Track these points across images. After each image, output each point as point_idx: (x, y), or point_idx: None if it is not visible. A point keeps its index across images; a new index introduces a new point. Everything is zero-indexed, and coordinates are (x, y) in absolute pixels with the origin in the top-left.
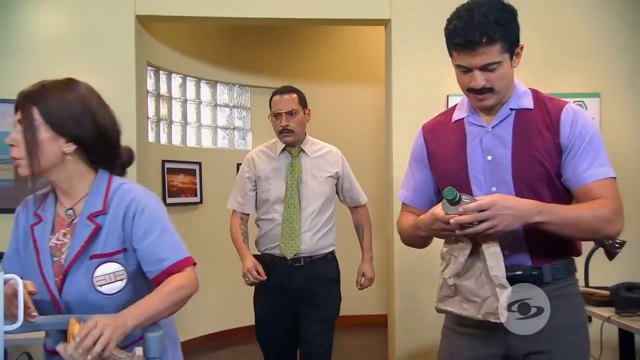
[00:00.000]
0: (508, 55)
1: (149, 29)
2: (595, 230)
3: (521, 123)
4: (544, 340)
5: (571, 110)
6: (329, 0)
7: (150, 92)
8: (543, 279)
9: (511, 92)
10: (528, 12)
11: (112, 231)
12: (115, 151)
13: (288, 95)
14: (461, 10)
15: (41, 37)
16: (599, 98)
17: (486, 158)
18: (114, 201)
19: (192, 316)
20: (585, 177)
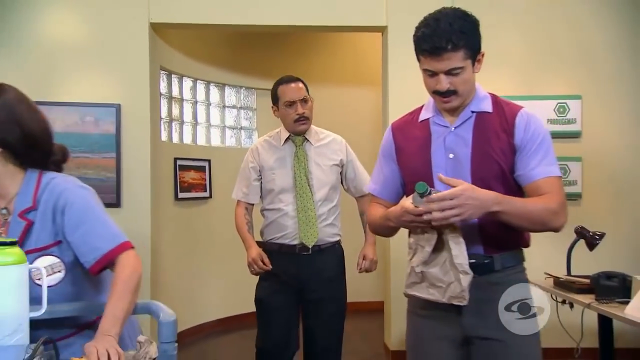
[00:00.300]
0: (470, 61)
1: (161, 36)
2: (543, 221)
3: (481, 125)
4: (496, 326)
5: (525, 115)
6: (330, 8)
7: (163, 95)
8: (494, 267)
9: (472, 95)
10: (512, 15)
11: (44, 225)
12: (46, 151)
13: (296, 84)
14: (429, 19)
15: (62, 44)
16: (580, 100)
17: (448, 156)
18: (44, 197)
19: (202, 302)
20: (534, 174)
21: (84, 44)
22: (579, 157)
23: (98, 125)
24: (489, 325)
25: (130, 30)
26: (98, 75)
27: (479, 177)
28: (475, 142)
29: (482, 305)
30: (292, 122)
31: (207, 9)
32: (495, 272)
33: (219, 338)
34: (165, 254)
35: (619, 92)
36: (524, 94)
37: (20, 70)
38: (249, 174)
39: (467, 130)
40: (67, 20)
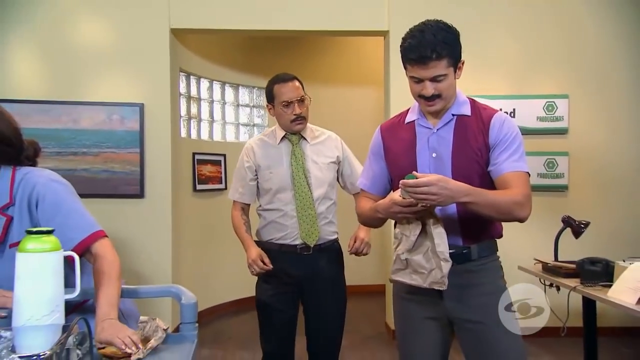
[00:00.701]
0: (452, 68)
1: (181, 40)
2: (509, 212)
3: (460, 127)
4: (475, 310)
5: (499, 117)
6: (335, 14)
7: (183, 94)
8: (470, 257)
9: (453, 100)
10: (505, 20)
11: (23, 219)
12: (17, 147)
13: (292, 83)
14: (414, 31)
15: (91, 49)
16: (567, 99)
17: (431, 155)
18: (19, 192)
19: (217, 286)
20: (503, 168)
21: (110, 49)
22: (566, 152)
23: (123, 123)
24: (469, 309)
25: (153, 35)
26: (123, 77)
27: (459, 174)
28: (456, 142)
29: (462, 290)
30: (288, 122)
31: (223, 16)
32: (472, 261)
33: (233, 318)
34: (185, 241)
35: (603, 91)
36: (515, 93)
37: (54, 73)
38: (244, 174)
39: (448, 132)
40: (95, 28)
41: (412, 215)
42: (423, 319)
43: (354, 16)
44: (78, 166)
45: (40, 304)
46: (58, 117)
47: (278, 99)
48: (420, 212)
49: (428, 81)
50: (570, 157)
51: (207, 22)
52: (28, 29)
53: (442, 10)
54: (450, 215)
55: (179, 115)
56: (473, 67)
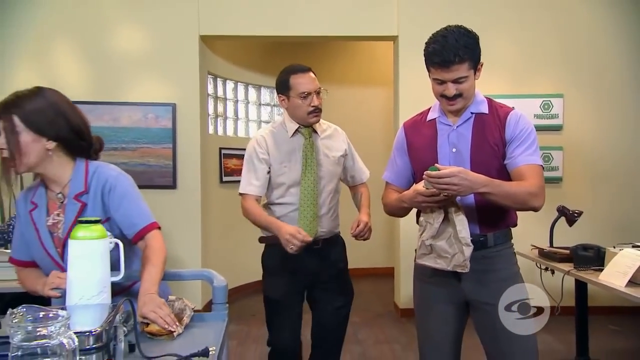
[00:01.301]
0: (473, 70)
1: (209, 46)
2: (524, 201)
3: (479, 124)
4: (490, 293)
5: (515, 115)
6: (348, 21)
7: (210, 95)
8: (487, 244)
9: (472, 99)
10: (504, 23)
11: (95, 206)
12: (88, 141)
13: (309, 74)
14: (437, 36)
15: (129, 55)
16: (562, 98)
17: (452, 150)
18: (93, 182)
19: (241, 267)
20: (518, 161)
21: (146, 54)
22: (560, 147)
23: (158, 121)
24: (485, 292)
25: (184, 42)
26: (158, 80)
27: (478, 168)
28: (474, 139)
29: (479, 275)
30: (304, 114)
31: (246, 24)
32: (488, 248)
33: (256, 296)
34: (212, 227)
35: (596, 91)
36: (513, 92)
37: (97, 77)
38: (259, 166)
39: (467, 129)
40: (133, 36)
41: (435, 204)
42: (441, 301)
43: (365, 23)
44: (118, 160)
45: (90, 285)
46: (100, 116)
47: (295, 90)
48: (442, 202)
49: (450, 82)
50: (564, 151)
51: (233, 29)
52: (75, 37)
53: (447, 17)
54: (469, 205)
55: (207, 113)
56: None
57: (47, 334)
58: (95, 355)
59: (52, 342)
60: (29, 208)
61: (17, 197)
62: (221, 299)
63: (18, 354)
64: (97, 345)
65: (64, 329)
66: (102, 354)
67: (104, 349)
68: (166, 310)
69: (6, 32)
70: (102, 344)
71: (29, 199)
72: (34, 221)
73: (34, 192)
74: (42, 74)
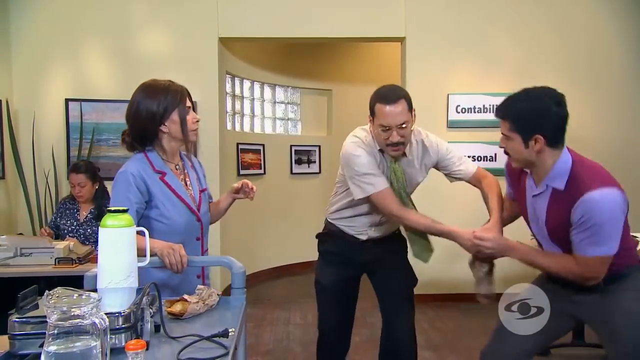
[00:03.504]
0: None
1: (227, 47)
2: (566, 275)
3: (553, 198)
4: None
5: (585, 202)
6: (358, 23)
7: (228, 93)
8: (597, 289)
9: (551, 168)
10: (505, 24)
11: (200, 176)
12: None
13: (395, 107)
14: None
15: (153, 56)
16: None
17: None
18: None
19: (259, 255)
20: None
21: (169, 55)
22: None
23: None
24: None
25: (204, 44)
26: (179, 79)
27: (554, 236)
28: (550, 212)
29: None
30: (384, 145)
31: (262, 26)
32: (598, 293)
33: (272, 282)
34: (231, 218)
35: (593, 89)
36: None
37: (123, 76)
38: (375, 165)
39: (543, 201)
40: (157, 38)
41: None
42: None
43: (374, 25)
44: None
45: (118, 270)
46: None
47: (377, 119)
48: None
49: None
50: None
51: (250, 31)
52: (103, 39)
53: (451, 19)
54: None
55: (226, 111)
56: (477, 67)
57: (80, 314)
58: (124, 335)
59: (85, 322)
60: (158, 176)
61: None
62: (240, 284)
63: (54, 332)
64: (125, 326)
65: (96, 310)
66: (131, 333)
67: (132, 329)
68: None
69: (39, 34)
70: (131, 324)
71: (149, 170)
72: (169, 184)
73: (150, 164)
74: (73, 73)
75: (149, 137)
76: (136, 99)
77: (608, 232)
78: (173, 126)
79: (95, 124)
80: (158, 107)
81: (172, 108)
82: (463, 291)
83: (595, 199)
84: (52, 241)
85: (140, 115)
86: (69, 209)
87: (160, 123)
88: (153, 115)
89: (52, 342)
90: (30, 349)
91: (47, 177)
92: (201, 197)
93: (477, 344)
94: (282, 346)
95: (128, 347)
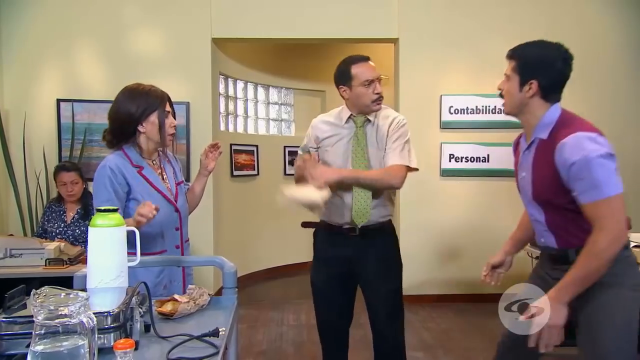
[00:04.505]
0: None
1: (220, 48)
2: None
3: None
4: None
5: (564, 142)
6: (352, 24)
7: (222, 94)
8: (568, 260)
9: (539, 120)
10: (497, 24)
11: (177, 170)
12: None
13: (369, 62)
14: None
15: (146, 56)
16: None
17: (522, 174)
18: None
19: (252, 256)
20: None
21: (162, 56)
22: None
23: None
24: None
25: (197, 44)
26: (172, 80)
27: (539, 196)
28: (535, 165)
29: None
30: (368, 102)
31: (255, 27)
32: (570, 263)
33: (265, 283)
34: (224, 219)
35: (584, 91)
36: None
37: (115, 77)
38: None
39: (531, 155)
40: (149, 39)
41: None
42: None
43: (367, 26)
44: None
45: (108, 270)
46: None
47: (358, 79)
48: None
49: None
50: None
51: (243, 32)
52: (95, 40)
53: (445, 21)
54: (540, 221)
55: (219, 111)
56: (471, 69)
57: (68, 313)
58: (113, 334)
59: (73, 321)
60: (136, 170)
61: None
62: (231, 284)
63: (41, 332)
64: (114, 325)
65: (84, 309)
66: (120, 333)
67: (121, 329)
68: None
69: (31, 34)
70: (120, 324)
71: (127, 165)
72: (147, 177)
73: (127, 160)
74: (65, 73)
75: (127, 136)
76: (118, 99)
77: (597, 171)
78: (150, 127)
79: (87, 124)
80: (137, 109)
81: (150, 110)
82: (455, 292)
83: (572, 139)
84: (43, 242)
85: (120, 115)
86: (55, 211)
87: (138, 123)
88: (131, 115)
89: (39, 341)
90: (18, 349)
91: (38, 177)
92: (177, 189)
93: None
94: (275, 347)
95: (116, 346)
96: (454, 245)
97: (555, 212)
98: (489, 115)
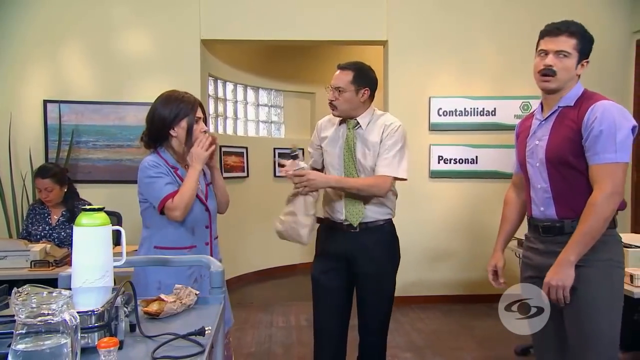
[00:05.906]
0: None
1: (210, 49)
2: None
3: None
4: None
5: (592, 109)
6: (341, 26)
7: (211, 96)
8: (564, 230)
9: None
10: (486, 27)
11: (206, 172)
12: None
13: (340, 71)
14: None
15: (134, 57)
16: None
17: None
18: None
19: (242, 258)
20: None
21: (150, 57)
22: None
23: None
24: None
25: (186, 45)
26: (161, 81)
27: (552, 155)
28: (553, 132)
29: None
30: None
31: (245, 28)
32: (565, 234)
33: (254, 285)
34: None
35: None
36: (496, 94)
37: (103, 78)
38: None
39: (549, 123)
40: (137, 40)
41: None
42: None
43: (357, 28)
44: (124, 157)
45: (93, 269)
46: (107, 115)
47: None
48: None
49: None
50: None
51: (232, 33)
52: (83, 40)
53: (434, 24)
54: (544, 190)
55: (208, 113)
56: (460, 71)
57: (50, 311)
58: (97, 333)
59: (55, 319)
60: (172, 170)
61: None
62: (218, 284)
63: (23, 330)
64: (98, 324)
65: (67, 307)
66: (104, 332)
67: (106, 328)
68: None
69: (17, 34)
70: (104, 323)
71: (165, 165)
72: (181, 178)
73: (164, 162)
74: (52, 74)
75: (161, 139)
76: (155, 104)
77: (618, 136)
78: (181, 132)
79: (75, 125)
80: (170, 114)
81: (182, 116)
82: (444, 293)
83: (605, 105)
84: (28, 244)
85: (155, 119)
86: (39, 213)
87: (170, 127)
88: (164, 119)
89: (20, 340)
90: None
91: (24, 179)
92: (207, 190)
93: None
94: (264, 349)
95: (100, 345)
96: (443, 246)
97: (561, 178)
98: (477, 117)
